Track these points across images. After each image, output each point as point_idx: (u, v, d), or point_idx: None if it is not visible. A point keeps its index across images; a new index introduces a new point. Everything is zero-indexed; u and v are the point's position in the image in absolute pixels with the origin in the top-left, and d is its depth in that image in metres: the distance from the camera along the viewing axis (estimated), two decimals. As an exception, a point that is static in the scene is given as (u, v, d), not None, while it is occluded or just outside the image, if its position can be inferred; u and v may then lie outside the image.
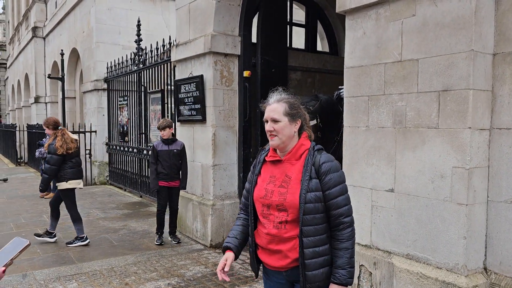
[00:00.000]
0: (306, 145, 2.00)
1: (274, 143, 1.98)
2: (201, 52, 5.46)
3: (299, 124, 1.99)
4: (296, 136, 2.00)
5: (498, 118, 2.76)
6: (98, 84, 10.80)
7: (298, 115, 1.99)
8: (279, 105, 1.97)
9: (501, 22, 2.73)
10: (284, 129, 1.95)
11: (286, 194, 1.94)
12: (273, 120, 1.96)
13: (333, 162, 1.95)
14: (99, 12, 10.80)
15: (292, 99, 2.02)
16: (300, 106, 2.03)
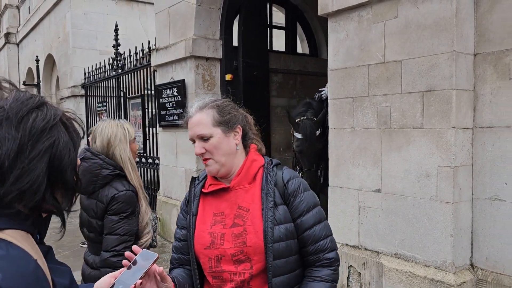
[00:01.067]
0: (259, 161, 1.48)
1: (212, 170, 1.43)
2: (182, 56, 5.41)
3: (240, 133, 1.46)
4: (241, 150, 1.47)
5: (480, 117, 2.82)
6: (75, 90, 10.58)
7: (234, 120, 1.45)
8: (203, 114, 1.41)
9: (480, 24, 2.79)
10: (219, 147, 1.40)
11: (246, 235, 1.37)
12: (201, 137, 1.40)
13: (300, 178, 1.49)
14: (75, 17, 10.60)
15: (221, 100, 1.49)
16: (236, 107, 1.51)
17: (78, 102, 10.66)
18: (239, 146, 1.47)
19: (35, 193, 0.82)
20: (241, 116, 1.50)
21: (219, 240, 1.39)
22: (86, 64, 10.24)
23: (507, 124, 2.67)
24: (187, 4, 5.39)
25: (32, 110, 0.85)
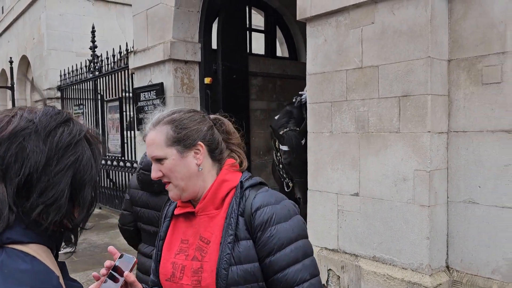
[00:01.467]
0: (231, 181, 1.23)
1: (173, 195, 1.25)
2: (160, 59, 5.36)
3: (202, 150, 1.22)
4: (208, 169, 1.24)
5: (455, 121, 2.88)
6: (51, 92, 10.36)
7: (194, 136, 1.21)
8: (157, 133, 1.22)
9: (454, 30, 2.85)
10: (175, 170, 1.20)
11: (202, 273, 1.18)
12: (155, 159, 1.22)
13: (278, 205, 1.19)
14: (50, 18, 10.38)
15: (180, 112, 1.25)
16: (198, 117, 1.25)
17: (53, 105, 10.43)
18: (204, 165, 1.23)
19: (59, 207, 0.83)
20: (205, 128, 1.24)
21: (179, 273, 1.22)
22: (62, 66, 10.04)
23: (480, 128, 2.74)
24: (165, 6, 5.34)
25: (60, 125, 0.87)
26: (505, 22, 2.61)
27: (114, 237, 6.15)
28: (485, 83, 2.71)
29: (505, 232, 2.65)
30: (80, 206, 0.89)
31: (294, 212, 1.22)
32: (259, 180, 1.28)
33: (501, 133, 2.64)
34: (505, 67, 2.62)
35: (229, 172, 1.26)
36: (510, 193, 2.61)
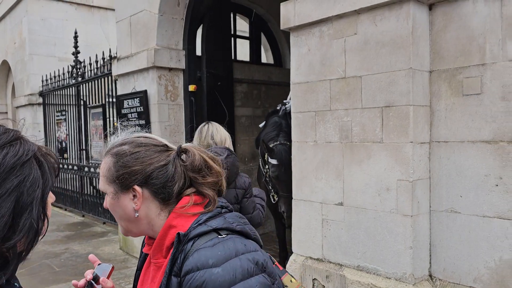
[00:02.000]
0: (179, 228, 1.04)
1: (121, 230, 1.16)
2: (144, 66, 5.32)
3: (139, 196, 1.06)
4: (157, 214, 1.08)
5: (436, 131, 2.91)
6: (32, 98, 10.19)
7: (132, 178, 1.06)
8: (104, 163, 1.11)
9: (435, 42, 2.89)
10: (113, 209, 1.10)
11: None
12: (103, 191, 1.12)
13: (218, 268, 0.93)
14: (32, 23, 10.23)
15: (129, 145, 1.09)
16: (142, 156, 1.07)
17: (35, 111, 10.28)
18: (146, 211, 1.07)
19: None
20: (151, 168, 1.06)
21: None
22: (44, 71, 9.90)
23: (461, 139, 2.77)
24: (149, 13, 5.31)
25: (4, 146, 0.82)
26: (484, 34, 2.65)
27: (97, 246, 6.06)
28: (465, 94, 2.75)
29: (486, 241, 2.69)
30: (22, 232, 0.83)
31: (244, 275, 0.93)
32: (216, 225, 1.01)
33: (481, 144, 2.68)
34: (484, 79, 2.66)
35: (179, 216, 1.06)
36: (490, 203, 2.65)
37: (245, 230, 1.04)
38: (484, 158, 2.67)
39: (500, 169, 2.60)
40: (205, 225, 1.01)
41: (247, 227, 1.06)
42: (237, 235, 1.02)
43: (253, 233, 1.07)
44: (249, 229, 1.07)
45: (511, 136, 2.56)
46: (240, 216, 1.10)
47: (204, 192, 1.09)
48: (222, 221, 1.03)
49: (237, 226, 1.03)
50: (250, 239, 1.04)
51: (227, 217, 1.05)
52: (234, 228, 1.02)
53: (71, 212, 9.07)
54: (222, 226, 1.01)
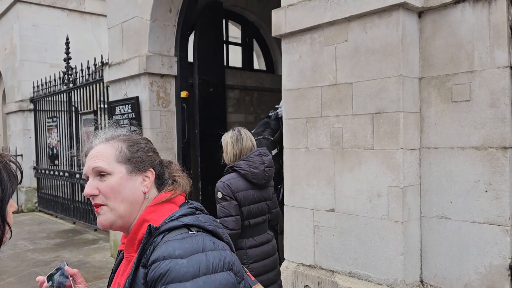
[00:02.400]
0: (152, 222, 1.06)
1: (104, 220, 1.10)
2: (136, 73, 5.31)
3: (151, 178, 1.14)
4: (147, 201, 1.13)
5: (426, 138, 2.93)
6: (23, 104, 10.12)
7: (148, 161, 1.15)
8: (107, 146, 1.13)
9: (424, 49, 2.92)
10: (119, 190, 1.09)
11: None
12: (97, 172, 1.10)
13: (183, 259, 0.94)
14: (23, 29, 10.17)
15: (136, 136, 1.21)
16: (151, 147, 1.20)
17: (26, 117, 10.20)
18: (149, 195, 1.13)
19: None
20: (158, 160, 1.19)
21: None
22: (35, 78, 9.84)
23: (450, 145, 2.79)
24: (140, 20, 5.31)
25: None
26: (473, 42, 2.69)
27: (88, 253, 6.00)
28: (454, 101, 2.78)
29: (476, 247, 2.70)
30: None
31: (209, 270, 0.94)
32: (187, 221, 1.03)
33: (471, 150, 2.70)
34: (473, 86, 2.69)
35: (154, 210, 1.09)
36: (480, 209, 2.67)
37: (216, 230, 1.06)
38: (473, 164, 2.69)
39: (489, 175, 2.63)
40: (177, 220, 1.04)
41: (219, 229, 1.09)
42: (208, 234, 1.04)
43: (225, 237, 1.09)
44: (222, 232, 1.08)
45: (500, 143, 2.58)
46: (214, 219, 1.11)
47: (181, 183, 1.19)
48: (194, 219, 1.06)
49: (209, 225, 1.05)
50: (221, 241, 1.06)
51: (200, 217, 1.08)
52: (205, 227, 1.05)
53: (62, 219, 8.98)
54: (193, 223, 1.04)
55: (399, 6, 2.79)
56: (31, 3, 10.21)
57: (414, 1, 2.80)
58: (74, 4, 10.82)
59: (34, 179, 10.20)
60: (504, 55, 2.56)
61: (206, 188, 5.65)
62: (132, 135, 1.21)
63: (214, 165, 5.76)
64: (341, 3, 3.05)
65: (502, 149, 2.57)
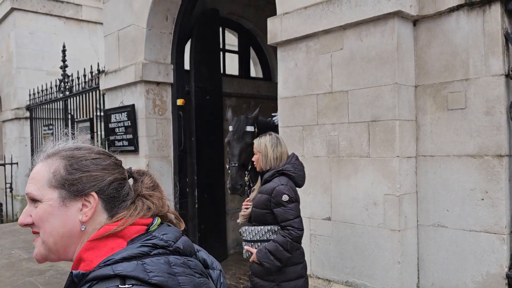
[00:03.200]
0: (88, 263, 0.87)
1: (36, 254, 0.97)
2: (132, 80, 5.29)
3: (93, 204, 0.93)
4: (88, 233, 0.94)
5: (422, 146, 2.93)
6: (19, 112, 10.08)
7: (90, 184, 0.94)
8: (44, 166, 0.97)
9: (420, 57, 2.93)
10: (47, 219, 0.93)
11: None
12: (30, 198, 0.96)
13: None
14: (20, 36, 10.16)
15: (84, 151, 1.00)
16: (101, 163, 0.98)
17: (22, 125, 10.15)
18: (90, 225, 0.93)
19: None
20: (110, 178, 0.97)
21: None
22: (32, 85, 9.81)
23: (446, 153, 2.79)
24: (137, 28, 5.31)
25: None
26: (468, 50, 2.69)
27: (83, 262, 5.93)
28: (450, 108, 2.78)
29: (473, 255, 2.68)
30: None
31: None
32: (122, 271, 0.80)
33: (467, 158, 2.70)
34: (468, 94, 2.69)
35: (93, 246, 0.89)
36: (476, 217, 2.66)
37: (165, 284, 0.81)
38: (469, 172, 2.69)
39: (485, 183, 2.62)
40: (110, 267, 0.81)
41: (181, 278, 0.84)
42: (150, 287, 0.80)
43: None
44: (183, 282, 0.84)
45: (495, 150, 2.58)
46: (176, 264, 0.86)
47: (142, 201, 0.98)
48: (133, 266, 0.81)
49: (155, 277, 0.81)
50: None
51: (148, 263, 0.83)
52: (148, 279, 0.80)
53: (58, 227, 8.92)
54: (129, 273, 0.80)
55: (394, 15, 2.79)
56: (28, 11, 10.21)
57: (409, 9, 2.81)
58: (71, 12, 10.83)
59: (29, 187, 10.14)
60: (499, 63, 2.56)
61: (202, 196, 5.62)
62: (79, 150, 0.99)
63: (210, 173, 5.75)
64: (336, 11, 3.05)
65: (498, 157, 2.56)
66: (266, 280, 2.65)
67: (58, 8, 10.63)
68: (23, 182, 10.18)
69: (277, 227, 2.65)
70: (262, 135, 2.92)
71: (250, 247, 2.70)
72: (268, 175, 2.73)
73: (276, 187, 2.63)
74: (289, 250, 2.59)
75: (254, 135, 4.13)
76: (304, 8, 3.28)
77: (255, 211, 2.72)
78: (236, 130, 4.17)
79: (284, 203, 2.60)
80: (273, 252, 2.58)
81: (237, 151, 4.04)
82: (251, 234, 2.71)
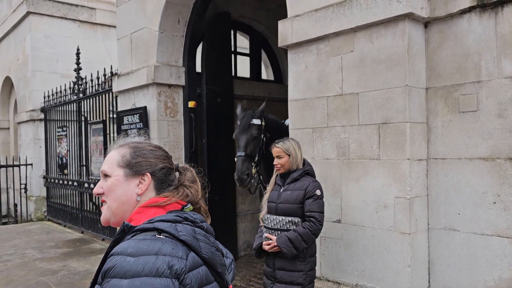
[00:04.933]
0: (135, 222, 1.15)
1: (102, 217, 1.25)
2: (144, 83, 5.35)
3: (147, 182, 1.21)
4: (140, 203, 1.21)
5: (433, 148, 2.91)
6: (34, 114, 10.24)
7: (145, 166, 1.23)
8: (116, 152, 1.26)
9: (431, 59, 2.91)
10: (114, 189, 1.21)
11: None
12: (103, 174, 1.25)
13: (132, 258, 0.99)
14: (35, 40, 10.34)
15: (146, 144, 1.30)
16: (157, 154, 1.26)
17: (37, 127, 10.31)
18: (143, 197, 1.21)
19: None
20: (160, 165, 1.24)
21: None
22: (47, 88, 9.97)
23: (458, 156, 2.77)
24: (149, 31, 5.37)
25: None
26: (480, 52, 2.67)
27: (96, 263, 6.00)
28: (462, 111, 2.76)
29: (485, 260, 2.65)
30: None
31: (152, 273, 0.97)
32: (159, 226, 1.07)
33: (479, 161, 2.67)
34: (480, 96, 2.67)
35: (141, 211, 1.17)
36: (489, 220, 2.63)
37: (190, 242, 1.07)
38: (481, 175, 2.66)
39: (497, 186, 2.59)
40: (151, 223, 1.09)
41: (202, 243, 1.10)
42: (178, 242, 1.06)
43: (205, 252, 1.09)
44: (203, 247, 1.10)
45: (508, 153, 2.55)
46: (200, 233, 1.12)
47: (183, 188, 1.24)
48: (168, 225, 1.09)
49: (183, 235, 1.07)
50: (195, 253, 1.07)
51: (180, 226, 1.10)
52: (178, 235, 1.07)
53: (70, 228, 9.02)
54: (164, 228, 1.07)
55: (405, 17, 2.79)
56: (43, 15, 10.39)
57: (420, 11, 2.80)
58: (85, 15, 10.99)
59: (43, 188, 10.27)
60: (511, 65, 2.54)
61: (213, 199, 5.65)
62: (141, 143, 1.29)
63: (221, 175, 5.77)
64: (347, 13, 3.06)
65: (510, 160, 2.53)
66: (295, 271, 2.85)
67: (73, 11, 10.79)
68: (37, 183, 10.34)
69: (297, 219, 2.84)
70: (283, 140, 3.03)
71: (271, 234, 2.91)
72: (297, 174, 2.94)
73: (311, 182, 2.89)
74: (306, 241, 2.80)
75: (260, 129, 4.20)
76: (315, 10, 3.28)
77: (285, 206, 2.90)
78: (242, 123, 4.25)
79: (316, 196, 2.84)
80: (292, 240, 2.79)
81: (243, 142, 4.12)
82: (272, 222, 2.92)
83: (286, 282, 2.84)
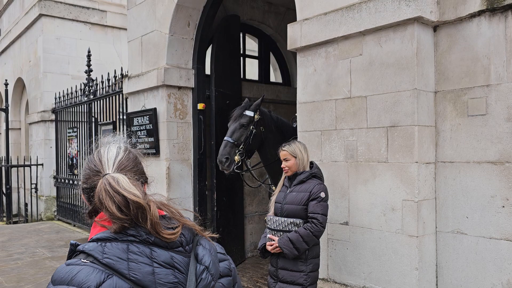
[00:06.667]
0: (90, 237, 1.11)
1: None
2: (154, 85, 5.41)
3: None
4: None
5: (442, 152, 2.91)
6: (45, 115, 10.38)
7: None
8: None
9: (440, 62, 2.92)
10: None
11: None
12: None
13: (50, 285, 1.00)
14: (47, 42, 10.48)
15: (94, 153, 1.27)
16: (90, 164, 1.25)
17: (48, 127, 10.44)
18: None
19: None
20: (90, 181, 1.22)
21: None
22: (57, 89, 10.09)
23: (466, 159, 2.77)
24: (159, 33, 5.43)
25: None
26: (489, 56, 2.67)
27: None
28: (470, 115, 2.76)
29: (493, 263, 2.65)
30: None
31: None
32: (84, 249, 1.02)
33: (487, 164, 2.67)
34: (489, 100, 2.67)
35: (94, 226, 1.12)
36: (497, 224, 2.63)
37: (112, 265, 1.00)
38: (490, 179, 2.66)
39: (506, 190, 2.59)
40: (86, 244, 1.04)
41: (132, 264, 1.01)
42: (100, 265, 1.00)
43: (134, 274, 1.01)
44: (133, 268, 1.01)
45: (517, 157, 2.54)
46: (137, 252, 1.03)
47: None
48: (94, 247, 1.03)
49: (106, 258, 1.01)
50: (121, 275, 1.00)
51: (107, 246, 1.03)
52: (100, 259, 1.01)
53: (80, 228, 9.12)
54: (90, 251, 1.02)
55: (414, 20, 2.80)
56: (55, 17, 10.53)
57: (429, 15, 2.81)
58: (96, 18, 11.11)
59: (53, 188, 10.40)
60: (520, 69, 2.54)
61: (221, 200, 5.68)
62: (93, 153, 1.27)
63: (229, 177, 5.80)
64: (356, 17, 3.08)
65: (519, 164, 2.53)
66: (296, 271, 2.88)
67: (84, 14, 10.92)
68: (47, 183, 10.46)
69: (299, 221, 2.87)
70: (289, 143, 3.06)
71: (273, 235, 2.95)
72: (303, 176, 2.97)
73: (316, 185, 2.92)
74: (307, 242, 2.82)
75: (252, 120, 4.28)
76: (324, 14, 3.31)
77: (290, 207, 2.94)
78: (235, 112, 4.41)
79: (320, 198, 2.87)
80: (293, 241, 2.82)
81: (231, 129, 4.27)
82: (275, 223, 2.96)
83: (287, 282, 2.88)
